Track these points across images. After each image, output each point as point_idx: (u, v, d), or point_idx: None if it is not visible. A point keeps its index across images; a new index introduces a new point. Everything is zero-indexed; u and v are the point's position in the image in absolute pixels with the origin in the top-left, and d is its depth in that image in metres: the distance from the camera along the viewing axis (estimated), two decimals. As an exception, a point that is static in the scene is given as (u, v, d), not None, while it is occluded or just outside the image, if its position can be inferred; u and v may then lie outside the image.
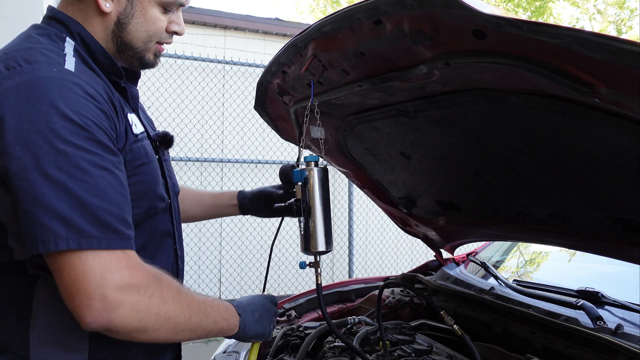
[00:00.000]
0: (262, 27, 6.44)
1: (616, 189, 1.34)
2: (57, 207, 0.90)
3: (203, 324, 1.12)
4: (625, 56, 0.83)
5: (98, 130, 0.99)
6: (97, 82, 1.08)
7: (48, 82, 0.97)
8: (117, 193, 0.99)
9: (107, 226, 0.95)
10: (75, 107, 0.96)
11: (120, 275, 0.95)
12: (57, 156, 0.92)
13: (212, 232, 5.95)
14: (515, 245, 2.58)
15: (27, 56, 1.01)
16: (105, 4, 1.13)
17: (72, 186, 0.92)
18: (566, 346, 1.56)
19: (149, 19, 1.18)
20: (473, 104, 1.34)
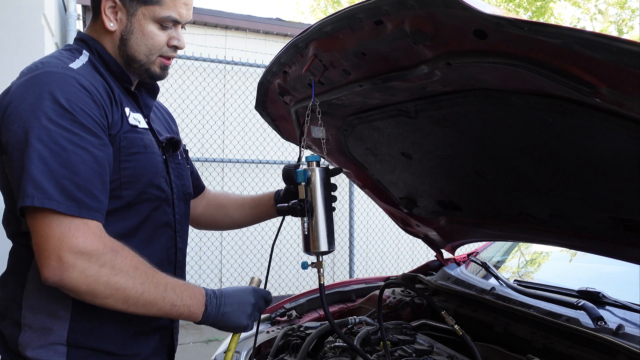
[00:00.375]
0: (263, 27, 6.44)
1: (617, 189, 1.34)
2: (32, 171, 1.09)
3: (158, 303, 1.19)
4: (626, 56, 0.83)
5: (83, 115, 1.17)
6: (96, 80, 1.28)
7: (50, 75, 1.19)
8: (88, 169, 1.15)
9: (69, 194, 1.11)
10: (66, 95, 1.16)
11: (75, 241, 1.10)
12: (41, 130, 1.11)
13: (212, 232, 5.95)
14: (516, 245, 2.58)
15: (45, 60, 1.26)
16: (110, 24, 1.34)
17: (47, 156, 1.10)
18: (567, 346, 1.56)
19: (147, 34, 1.35)
20: (474, 104, 1.34)
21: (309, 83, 1.54)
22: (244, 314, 1.34)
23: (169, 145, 1.46)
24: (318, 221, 1.47)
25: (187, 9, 1.38)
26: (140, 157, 1.32)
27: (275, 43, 6.45)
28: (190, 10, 1.39)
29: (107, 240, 1.15)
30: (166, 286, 1.21)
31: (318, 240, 1.47)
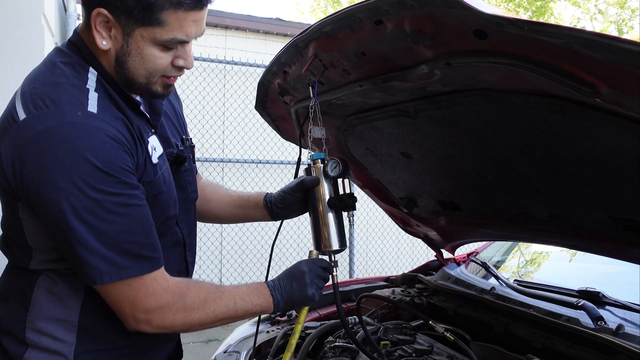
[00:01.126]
0: (263, 27, 6.44)
1: (617, 189, 1.34)
2: (96, 248, 1.07)
3: (233, 316, 1.27)
4: (626, 56, 0.83)
5: (122, 172, 1.10)
6: (117, 120, 1.14)
7: (74, 128, 1.06)
8: (143, 223, 1.14)
9: (137, 256, 1.12)
10: (100, 155, 1.06)
11: (147, 302, 1.14)
12: (90, 203, 1.06)
13: (212, 232, 5.95)
14: (516, 245, 2.58)
15: (53, 95, 1.09)
16: (102, 41, 1.13)
17: (105, 229, 1.08)
18: (567, 346, 1.56)
19: (146, 57, 1.15)
20: (474, 104, 1.34)
21: (309, 83, 1.54)
22: (304, 286, 1.37)
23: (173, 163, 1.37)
24: (327, 219, 1.47)
25: (198, 25, 1.16)
26: (160, 196, 1.26)
27: (275, 43, 6.45)
28: (201, 24, 1.17)
29: (174, 287, 1.19)
30: (235, 300, 1.27)
31: (329, 239, 1.47)
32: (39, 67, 1.20)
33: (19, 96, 1.13)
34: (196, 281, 1.26)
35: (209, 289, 1.25)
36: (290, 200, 1.60)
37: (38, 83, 1.13)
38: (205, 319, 1.22)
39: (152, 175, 1.22)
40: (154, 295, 1.15)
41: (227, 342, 1.95)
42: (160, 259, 1.17)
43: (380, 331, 1.81)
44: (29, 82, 1.15)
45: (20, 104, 1.10)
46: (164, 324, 1.17)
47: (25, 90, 1.13)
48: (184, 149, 1.41)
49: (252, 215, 1.71)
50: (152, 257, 1.15)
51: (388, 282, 2.50)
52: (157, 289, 1.15)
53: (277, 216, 1.66)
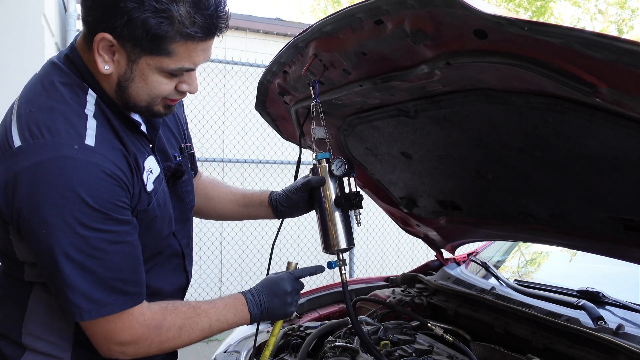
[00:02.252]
0: (263, 27, 6.44)
1: (618, 189, 1.34)
2: (80, 285, 1.06)
3: (208, 335, 1.28)
4: (626, 56, 0.83)
5: (114, 209, 1.09)
6: (115, 151, 1.12)
7: (68, 163, 1.04)
8: (131, 259, 1.14)
9: (120, 292, 1.11)
10: (94, 192, 1.05)
11: (122, 336, 1.14)
12: (78, 240, 1.04)
13: (212, 232, 5.95)
14: (516, 245, 2.58)
15: (50, 124, 1.06)
16: (105, 66, 1.09)
17: (91, 265, 1.07)
18: (567, 346, 1.56)
19: (150, 84, 1.12)
20: (474, 104, 1.34)
21: (309, 83, 1.54)
22: (285, 304, 1.37)
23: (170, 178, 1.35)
24: (334, 218, 1.48)
25: (206, 53, 1.13)
26: (155, 221, 1.25)
27: (275, 43, 6.45)
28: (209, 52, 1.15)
29: (150, 320, 1.18)
30: (210, 321, 1.27)
31: (337, 238, 1.47)
32: (36, 86, 1.15)
33: (15, 118, 1.09)
34: (173, 307, 1.23)
35: (186, 313, 1.23)
36: (295, 200, 1.60)
37: (35, 107, 1.09)
38: (180, 344, 1.24)
39: (146, 204, 1.21)
40: (130, 329, 1.15)
41: (227, 342, 1.95)
42: (142, 294, 1.17)
43: (380, 331, 1.81)
44: (25, 103, 1.11)
45: (16, 128, 1.07)
46: (138, 353, 1.18)
47: (22, 112, 1.09)
48: (181, 160, 1.40)
49: (255, 213, 1.70)
50: (134, 293, 1.14)
51: (388, 282, 2.50)
52: (133, 323, 1.15)
53: (282, 214, 1.66)
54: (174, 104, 1.22)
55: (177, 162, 1.37)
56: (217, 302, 1.30)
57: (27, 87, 1.17)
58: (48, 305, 1.20)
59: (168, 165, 1.34)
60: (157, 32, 1.03)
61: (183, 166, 1.39)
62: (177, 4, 1.02)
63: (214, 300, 1.31)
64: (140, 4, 1.00)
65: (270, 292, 1.36)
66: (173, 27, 1.03)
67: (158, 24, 1.02)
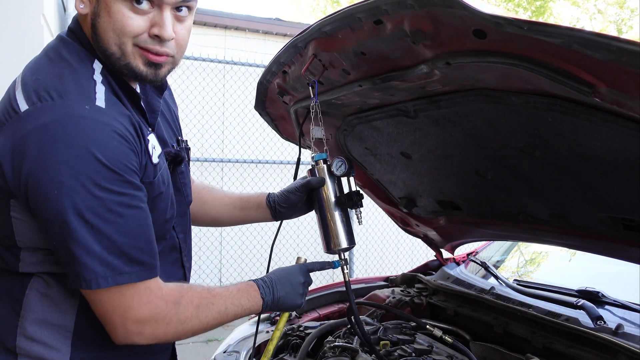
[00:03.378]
0: (263, 27, 6.44)
1: (617, 189, 1.34)
2: (95, 249, 1.01)
3: (223, 320, 1.23)
4: (626, 56, 0.83)
5: (128, 171, 1.05)
6: (124, 116, 1.09)
7: (81, 122, 1.00)
8: (145, 226, 1.09)
9: (137, 261, 1.06)
10: (107, 152, 1.01)
11: (140, 311, 1.08)
12: (93, 201, 0.99)
13: (212, 232, 5.95)
14: (516, 245, 2.58)
15: (59, 87, 1.03)
16: (80, 4, 1.09)
17: (106, 229, 1.01)
18: (567, 346, 1.56)
19: (113, 14, 1.05)
20: (474, 104, 1.34)
21: (309, 83, 1.54)
22: (297, 294, 1.36)
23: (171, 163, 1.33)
24: (334, 218, 1.48)
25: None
26: (160, 198, 1.21)
27: (275, 43, 6.45)
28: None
29: (168, 295, 1.13)
30: (225, 305, 1.24)
31: (337, 237, 1.48)
32: (41, 57, 1.13)
33: (20, 86, 1.06)
34: (189, 287, 1.20)
35: (201, 294, 1.20)
36: (294, 200, 1.59)
37: (41, 74, 1.06)
38: (198, 327, 1.18)
39: (152, 176, 1.17)
40: (147, 304, 1.08)
41: (227, 342, 1.95)
42: (157, 267, 1.12)
43: (379, 331, 1.81)
44: (30, 72, 1.08)
45: (21, 94, 1.04)
46: (156, 334, 1.12)
47: (27, 80, 1.06)
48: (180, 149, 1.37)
49: (252, 216, 1.68)
50: (150, 264, 1.09)
51: (388, 282, 2.50)
52: (151, 297, 1.09)
53: (280, 216, 1.64)
54: (159, 65, 1.13)
55: (177, 149, 1.35)
56: (230, 287, 1.28)
57: (31, 62, 1.14)
58: (47, 299, 1.13)
59: (168, 151, 1.31)
60: None
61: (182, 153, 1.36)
62: None
63: (226, 286, 1.28)
64: None
65: (282, 281, 1.34)
66: None
67: None
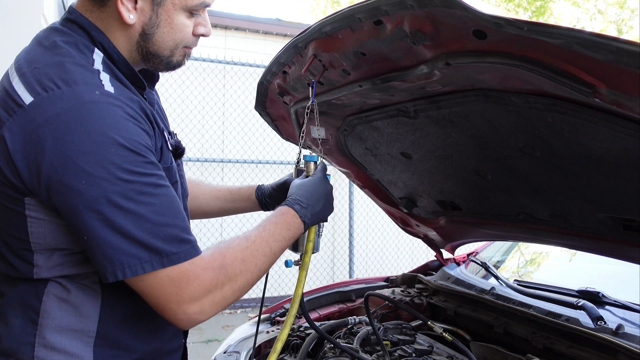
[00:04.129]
0: (263, 28, 6.44)
1: (617, 189, 1.34)
2: (135, 234, 0.97)
3: (274, 259, 1.22)
4: (626, 56, 0.83)
5: (148, 152, 1.02)
6: (134, 100, 1.07)
7: (94, 107, 0.97)
8: (177, 204, 1.06)
9: (180, 239, 1.03)
10: (126, 134, 0.98)
11: (192, 288, 1.03)
12: (123, 185, 0.96)
13: (212, 232, 5.95)
14: (516, 245, 2.58)
15: (64, 75, 1.00)
16: (129, 15, 1.07)
17: (143, 212, 0.98)
18: (567, 346, 1.56)
19: (176, 27, 1.12)
20: (474, 104, 1.34)
21: (309, 83, 1.54)
22: (329, 205, 1.38)
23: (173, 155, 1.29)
24: None
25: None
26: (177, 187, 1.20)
27: (275, 43, 6.45)
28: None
29: (211, 262, 1.08)
30: (269, 245, 1.20)
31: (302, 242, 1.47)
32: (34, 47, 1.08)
33: (17, 77, 1.01)
34: (225, 245, 1.15)
35: (241, 245, 1.15)
36: (277, 197, 1.62)
37: (40, 63, 1.02)
38: (251, 277, 1.15)
39: (169, 162, 1.15)
40: (196, 279, 1.04)
41: (227, 342, 1.95)
42: (196, 242, 1.08)
43: (380, 331, 1.81)
44: (26, 62, 1.03)
45: (21, 85, 0.99)
46: (215, 303, 1.07)
47: (25, 70, 1.01)
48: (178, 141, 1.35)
49: (242, 207, 1.70)
50: (192, 241, 1.05)
51: (388, 282, 2.50)
52: (198, 272, 1.04)
53: (270, 208, 1.66)
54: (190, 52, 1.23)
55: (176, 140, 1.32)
56: (267, 225, 1.23)
57: (23, 52, 1.09)
58: (66, 304, 1.07)
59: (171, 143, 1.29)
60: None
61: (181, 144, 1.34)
62: None
63: (261, 224, 1.24)
64: None
65: (315, 195, 1.34)
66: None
67: None
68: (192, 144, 5.86)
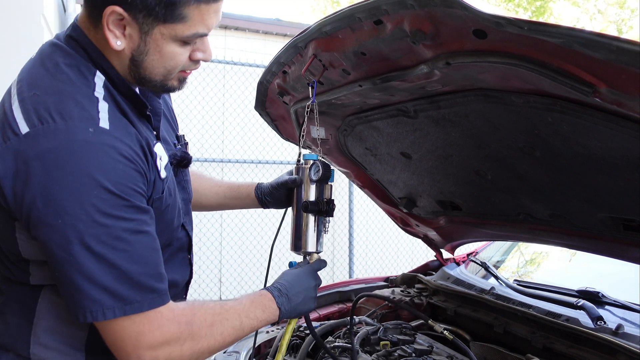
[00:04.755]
0: (263, 28, 6.44)
1: (617, 189, 1.34)
2: (102, 280, 0.97)
3: (239, 336, 1.20)
4: (626, 55, 0.83)
5: (134, 195, 1.02)
6: (130, 135, 1.06)
7: (85, 147, 0.97)
8: (153, 251, 1.05)
9: (148, 288, 1.02)
10: (113, 177, 0.98)
11: (152, 336, 1.03)
12: (98, 229, 0.96)
13: (212, 232, 5.95)
14: (516, 245, 2.58)
15: (60, 106, 0.99)
16: (117, 41, 1.04)
17: (114, 258, 0.98)
18: (567, 346, 1.56)
19: (166, 55, 1.08)
20: (474, 104, 1.34)
21: (309, 83, 1.54)
22: (310, 299, 1.36)
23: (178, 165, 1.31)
24: (308, 220, 1.47)
25: (218, 15, 1.08)
26: (168, 210, 1.19)
27: (275, 43, 6.44)
28: (219, 13, 1.09)
29: (179, 316, 1.08)
30: (240, 319, 1.20)
31: (306, 240, 1.47)
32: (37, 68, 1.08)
33: (17, 102, 1.02)
34: (200, 304, 1.16)
35: (214, 310, 1.16)
36: (277, 195, 1.62)
37: (40, 89, 1.03)
38: (214, 345, 1.14)
39: (160, 191, 1.15)
40: (159, 328, 1.04)
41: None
42: (167, 291, 1.08)
43: (380, 331, 1.81)
44: (27, 86, 1.04)
45: (20, 112, 1.00)
46: (171, 356, 1.07)
47: (25, 96, 1.02)
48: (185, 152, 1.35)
49: (242, 205, 1.71)
50: (160, 289, 1.05)
51: (387, 282, 2.50)
52: (163, 321, 1.05)
53: (268, 206, 1.66)
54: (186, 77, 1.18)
55: (183, 150, 1.33)
56: (243, 300, 1.24)
57: (26, 70, 1.09)
58: (59, 309, 1.11)
59: (173, 154, 1.29)
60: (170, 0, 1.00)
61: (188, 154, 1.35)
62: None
63: (238, 298, 1.25)
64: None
65: (296, 288, 1.32)
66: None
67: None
68: (192, 144, 5.85)
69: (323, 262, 1.44)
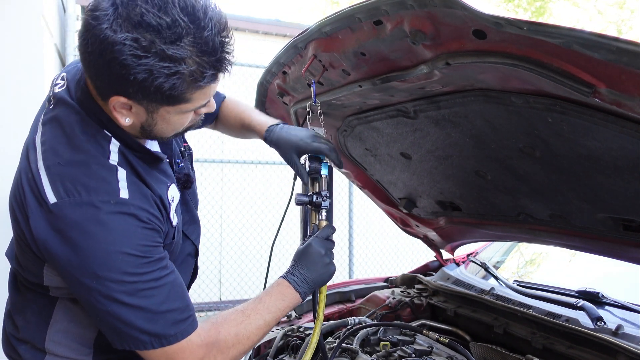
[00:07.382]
0: (263, 28, 6.45)
1: (617, 189, 1.34)
2: (137, 323, 1.10)
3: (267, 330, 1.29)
4: (626, 56, 0.83)
5: (153, 250, 1.14)
6: (146, 198, 1.16)
7: (109, 219, 1.08)
8: (177, 287, 1.17)
9: (179, 321, 1.15)
10: (134, 241, 1.10)
11: None
12: (128, 286, 1.09)
13: (212, 233, 5.95)
14: (516, 245, 2.58)
15: (84, 180, 1.10)
16: (125, 119, 1.11)
17: (145, 304, 1.11)
18: (566, 347, 1.56)
19: (173, 124, 1.17)
20: (473, 104, 1.34)
21: (309, 83, 1.54)
22: (326, 265, 1.38)
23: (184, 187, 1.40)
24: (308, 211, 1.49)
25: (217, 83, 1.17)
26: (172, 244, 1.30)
27: (275, 44, 6.45)
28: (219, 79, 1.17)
29: (207, 338, 1.19)
30: (263, 317, 1.27)
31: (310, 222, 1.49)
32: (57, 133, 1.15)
33: (44, 169, 1.11)
34: (222, 318, 1.24)
35: (236, 320, 1.24)
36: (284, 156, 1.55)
37: (63, 159, 1.12)
38: (243, 349, 1.24)
39: (172, 237, 1.28)
40: (191, 354, 1.16)
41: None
42: (194, 315, 1.19)
43: (379, 332, 1.81)
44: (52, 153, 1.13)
45: (47, 181, 1.10)
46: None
47: (50, 164, 1.11)
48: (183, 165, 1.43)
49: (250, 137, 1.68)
50: (190, 318, 1.17)
51: (387, 283, 2.50)
52: (193, 348, 1.16)
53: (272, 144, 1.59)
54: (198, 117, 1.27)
55: (185, 173, 1.42)
56: (263, 297, 1.31)
57: (48, 131, 1.16)
58: (72, 315, 1.25)
59: (178, 178, 1.38)
60: (172, 93, 1.06)
61: (191, 175, 1.43)
62: (185, 62, 1.03)
63: (258, 297, 1.31)
64: (150, 74, 1.01)
65: (306, 262, 1.37)
66: (186, 83, 1.06)
67: (172, 86, 1.04)
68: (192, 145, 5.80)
69: (331, 228, 1.45)
